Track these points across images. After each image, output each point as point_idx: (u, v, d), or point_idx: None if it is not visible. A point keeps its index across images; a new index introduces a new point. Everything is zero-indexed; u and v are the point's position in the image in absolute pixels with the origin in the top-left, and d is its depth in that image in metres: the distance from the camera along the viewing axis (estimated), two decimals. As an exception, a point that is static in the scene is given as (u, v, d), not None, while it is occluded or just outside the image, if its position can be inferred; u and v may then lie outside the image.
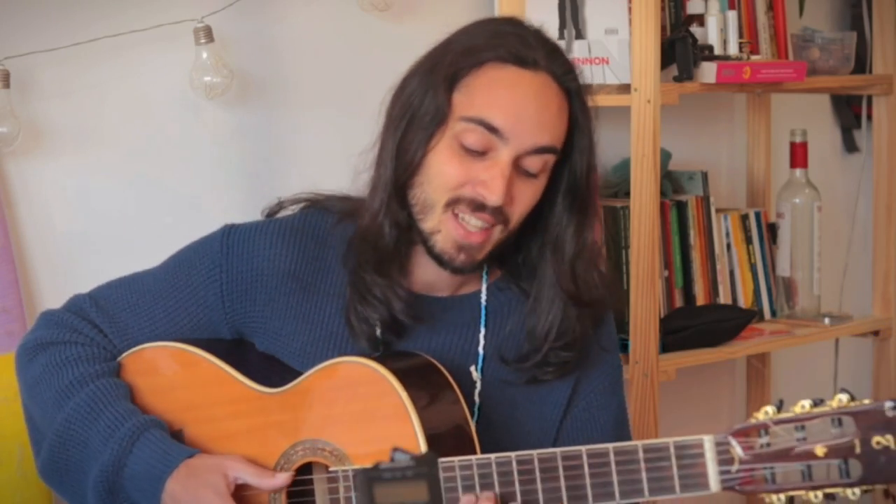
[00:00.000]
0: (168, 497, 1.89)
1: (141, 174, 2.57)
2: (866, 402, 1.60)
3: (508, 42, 1.93)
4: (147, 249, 2.21)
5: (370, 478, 1.28)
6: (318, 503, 1.92)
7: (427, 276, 1.99)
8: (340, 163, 2.75)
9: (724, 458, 1.67)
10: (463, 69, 1.92)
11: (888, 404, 1.59)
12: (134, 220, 2.56)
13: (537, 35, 1.97)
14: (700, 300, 3.03)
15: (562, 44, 2.81)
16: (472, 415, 1.96)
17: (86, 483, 1.97)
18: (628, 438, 2.08)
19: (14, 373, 2.36)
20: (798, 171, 3.17)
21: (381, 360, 1.90)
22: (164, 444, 1.93)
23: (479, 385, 1.99)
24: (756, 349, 3.03)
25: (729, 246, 3.11)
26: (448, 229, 1.92)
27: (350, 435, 1.88)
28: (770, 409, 1.64)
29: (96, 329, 2.05)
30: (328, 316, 2.00)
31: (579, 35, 2.81)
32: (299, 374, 1.95)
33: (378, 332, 1.97)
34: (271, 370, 1.99)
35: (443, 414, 1.88)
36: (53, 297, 2.47)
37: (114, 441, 1.94)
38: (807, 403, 1.62)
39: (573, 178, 1.96)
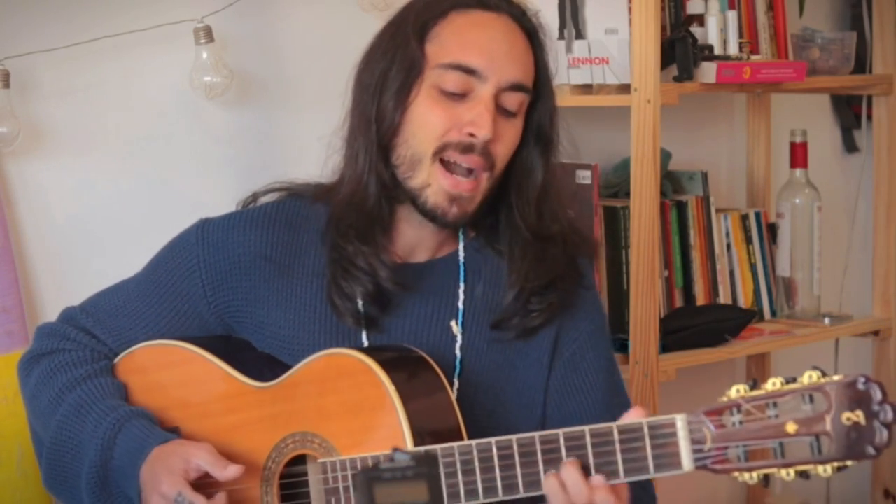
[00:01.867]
0: (141, 482, 1.91)
1: (141, 174, 2.57)
2: (836, 377, 1.59)
3: None
4: (147, 249, 2.21)
5: (370, 478, 1.28)
6: (312, 495, 1.92)
7: (408, 238, 2.01)
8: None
9: (697, 437, 1.66)
10: (429, 20, 1.96)
11: (860, 380, 1.58)
12: (134, 220, 2.56)
13: None
14: (700, 300, 3.03)
15: (562, 44, 2.82)
16: (454, 369, 1.98)
17: (80, 485, 1.98)
18: (620, 383, 2.09)
19: (14, 373, 2.37)
20: (798, 171, 3.17)
21: (368, 351, 1.91)
22: (143, 431, 1.95)
23: (459, 339, 2.00)
24: (756, 349, 3.03)
25: (729, 246, 3.11)
26: (438, 181, 1.93)
27: (338, 427, 1.89)
28: (742, 387, 1.64)
29: (88, 334, 2.07)
30: (310, 297, 2.01)
31: (579, 35, 2.81)
32: (290, 367, 1.96)
33: (360, 306, 1.97)
34: (265, 365, 2.00)
35: (430, 405, 1.88)
36: (53, 297, 2.47)
37: (98, 436, 1.95)
38: (778, 381, 1.61)
39: (540, 120, 2.00)
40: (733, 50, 2.89)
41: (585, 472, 1.72)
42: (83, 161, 2.51)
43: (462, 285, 2.02)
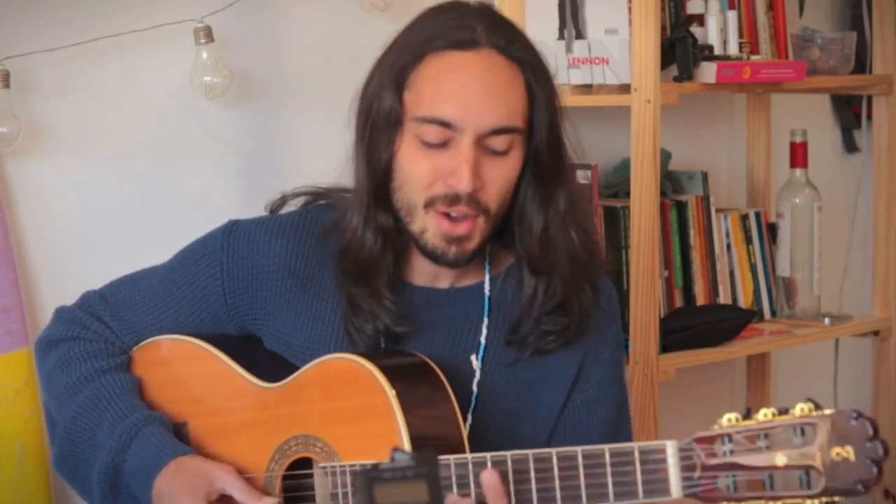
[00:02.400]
0: (156, 493, 1.91)
1: (141, 174, 2.57)
2: (828, 411, 1.59)
3: (444, 29, 1.91)
4: (147, 249, 2.21)
5: (370, 478, 1.28)
6: (318, 501, 1.92)
7: (428, 267, 1.99)
8: (340, 162, 2.76)
9: (687, 465, 1.65)
10: (406, 66, 1.91)
11: (851, 415, 1.58)
12: (134, 220, 2.56)
13: (479, 11, 1.94)
14: (700, 300, 3.03)
15: (562, 44, 2.82)
16: (469, 405, 1.97)
17: (92, 477, 1.99)
18: (628, 420, 2.08)
19: (14, 373, 2.37)
20: (798, 171, 3.17)
21: (373, 357, 1.90)
22: (161, 440, 1.95)
23: (478, 374, 1.99)
24: (756, 349, 3.03)
25: (729, 246, 3.11)
26: (434, 225, 1.91)
27: (339, 431, 1.89)
28: (734, 416, 1.63)
29: (105, 326, 2.07)
30: (328, 313, 2.00)
31: (579, 35, 2.81)
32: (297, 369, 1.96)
33: (379, 339, 1.97)
34: (276, 366, 2.00)
35: (432, 414, 1.88)
36: (53, 297, 2.47)
37: (114, 437, 1.96)
38: (769, 412, 1.61)
39: (534, 151, 1.93)
40: (733, 50, 2.89)
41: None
42: (83, 161, 2.51)
43: (486, 320, 2.00)
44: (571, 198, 1.98)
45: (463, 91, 1.88)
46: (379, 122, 1.92)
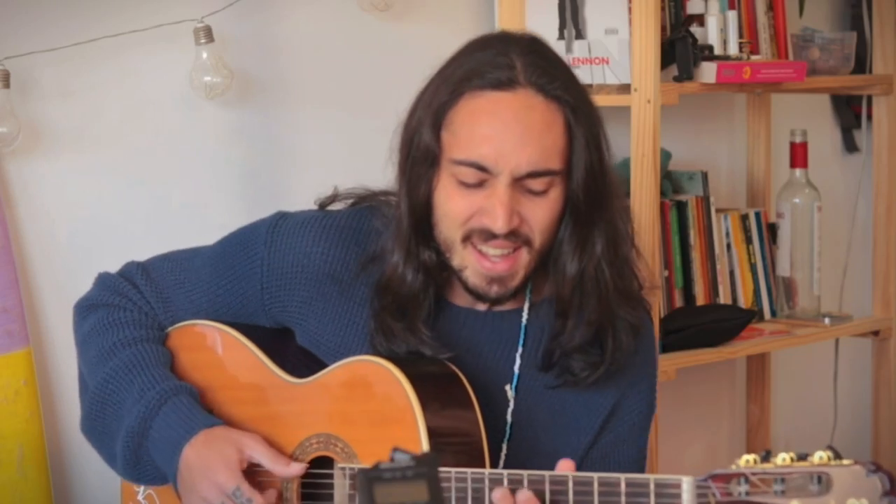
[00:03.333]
0: (184, 464, 1.92)
1: (141, 174, 2.57)
2: (846, 462, 1.59)
3: (484, 67, 1.89)
4: (147, 249, 2.21)
5: (370, 478, 1.28)
6: (336, 499, 1.93)
7: (467, 295, 1.98)
8: (341, 162, 2.76)
9: (702, 502, 1.64)
10: (444, 104, 1.89)
11: (869, 467, 1.58)
12: (134, 220, 2.56)
13: (522, 47, 1.91)
14: (700, 300, 3.03)
15: (561, 44, 2.82)
16: (504, 435, 1.96)
17: (117, 442, 2.01)
18: (644, 464, 2.08)
19: (13, 373, 2.37)
20: (798, 171, 3.17)
21: (400, 362, 1.90)
22: (189, 411, 1.97)
23: (512, 404, 1.98)
24: (756, 349, 3.03)
25: (729, 246, 3.11)
26: (473, 264, 1.90)
27: (360, 433, 1.90)
28: (753, 457, 1.62)
29: (144, 299, 2.10)
30: (364, 323, 1.99)
31: (579, 35, 2.81)
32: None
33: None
34: (306, 361, 2.01)
35: (454, 425, 1.89)
36: (53, 296, 2.47)
37: (143, 403, 1.97)
38: (789, 457, 1.60)
39: (575, 192, 1.90)
40: (733, 50, 2.89)
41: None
42: (83, 161, 2.51)
43: (520, 349, 1.99)
44: (614, 239, 1.96)
45: (497, 135, 1.86)
46: (418, 157, 1.91)
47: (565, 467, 1.75)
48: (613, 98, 2.77)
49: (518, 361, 1.99)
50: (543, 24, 2.83)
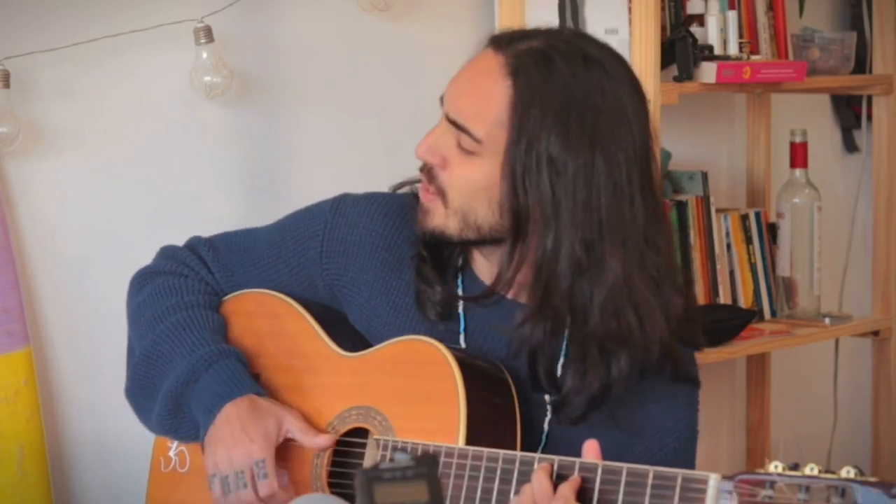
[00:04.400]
0: (223, 417, 1.95)
1: (141, 174, 2.57)
2: (872, 479, 1.59)
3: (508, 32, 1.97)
4: (147, 249, 2.21)
5: (370, 478, 1.28)
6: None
7: (483, 267, 2.01)
8: (341, 162, 2.77)
9: (725, 501, 1.65)
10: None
11: (891, 491, 1.59)
12: (134, 220, 2.56)
13: (562, 33, 2.02)
14: (700, 300, 3.03)
15: (562, 44, 2.82)
16: (540, 442, 1.96)
17: (158, 395, 2.03)
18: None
19: (13, 373, 2.37)
20: (798, 171, 3.17)
21: (453, 349, 1.93)
22: (238, 374, 2.00)
23: (549, 414, 1.97)
24: (756, 349, 3.03)
25: (729, 246, 3.11)
26: None
27: (401, 409, 1.93)
28: (780, 464, 1.64)
29: (205, 267, 2.13)
30: (413, 300, 2.03)
31: (579, 35, 2.81)
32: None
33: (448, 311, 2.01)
34: (356, 342, 2.04)
35: (493, 417, 1.90)
36: (53, 297, 2.47)
37: (192, 358, 2.00)
38: (817, 468, 1.61)
39: (514, 163, 1.86)
40: (733, 50, 2.89)
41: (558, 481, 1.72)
42: (83, 161, 2.51)
43: (562, 359, 1.95)
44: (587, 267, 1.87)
45: (458, 74, 1.94)
46: None
47: (591, 450, 1.75)
48: (613, 98, 2.77)
49: (560, 371, 1.95)
50: (543, 24, 2.82)
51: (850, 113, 3.64)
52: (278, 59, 2.71)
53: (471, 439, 1.84)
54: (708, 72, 2.78)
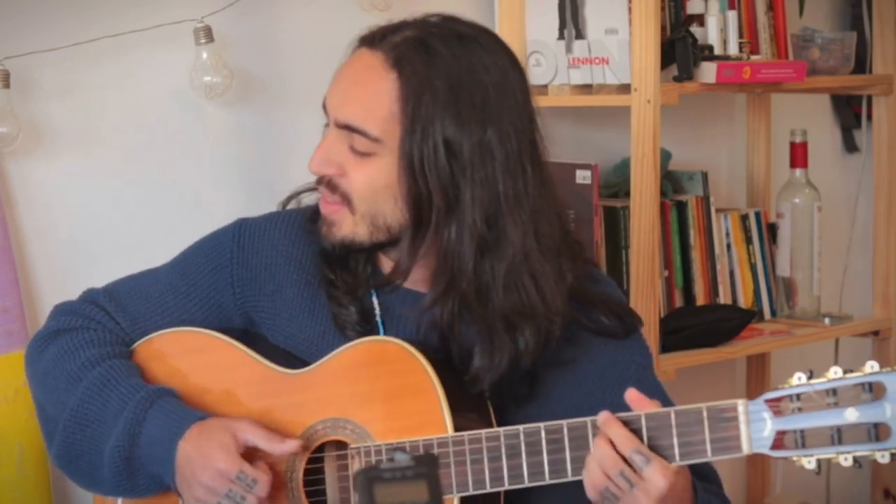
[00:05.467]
0: (181, 459, 1.90)
1: (141, 174, 2.58)
2: None
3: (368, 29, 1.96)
4: (147, 249, 2.21)
5: (370, 478, 1.28)
6: (327, 481, 1.93)
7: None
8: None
9: (757, 422, 1.70)
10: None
11: None
12: (134, 220, 2.57)
13: (426, 21, 1.94)
14: (700, 300, 3.03)
15: (561, 44, 2.82)
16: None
17: (101, 460, 1.96)
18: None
19: (14, 373, 2.37)
20: (798, 171, 3.17)
21: (408, 340, 1.91)
22: (177, 409, 1.94)
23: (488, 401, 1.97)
24: (756, 349, 3.03)
25: (729, 246, 3.11)
26: None
27: (373, 412, 1.89)
28: (802, 375, 1.67)
29: (108, 316, 2.06)
30: (329, 310, 2.00)
31: (579, 35, 2.81)
32: (307, 361, 1.97)
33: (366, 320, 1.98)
34: (284, 357, 2.00)
35: (466, 396, 1.89)
36: (53, 297, 2.46)
37: (127, 411, 1.94)
38: (840, 370, 1.66)
39: (412, 154, 1.86)
40: (733, 50, 2.89)
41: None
42: (83, 161, 2.51)
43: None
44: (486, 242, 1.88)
45: (337, 83, 1.93)
46: None
47: (635, 398, 1.77)
48: (613, 98, 2.78)
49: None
50: (543, 24, 2.83)
51: (850, 113, 3.64)
52: (278, 59, 2.71)
53: (457, 423, 1.84)
54: (708, 72, 2.78)
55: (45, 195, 2.48)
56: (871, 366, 1.65)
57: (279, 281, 2.02)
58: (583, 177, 2.84)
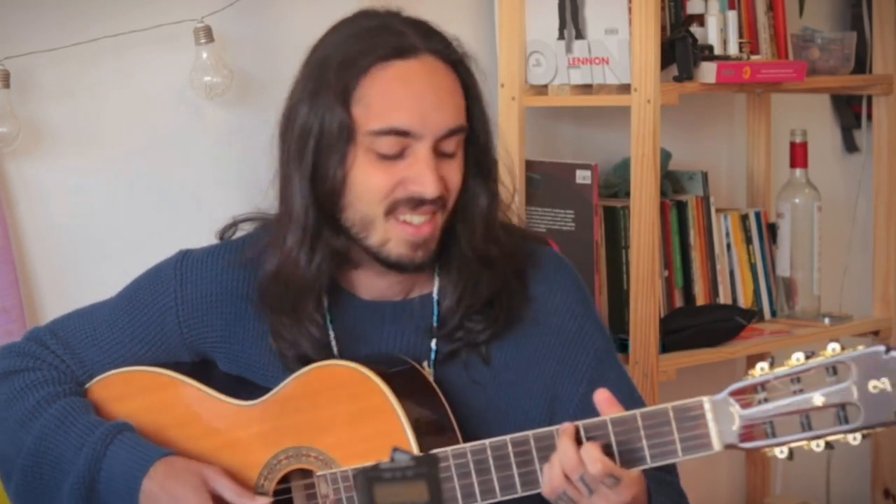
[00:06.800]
0: (145, 497, 1.88)
1: (141, 174, 2.58)
2: (860, 348, 1.63)
3: (381, 38, 1.91)
4: (147, 249, 2.21)
5: (370, 478, 1.28)
6: None
7: (376, 286, 1.97)
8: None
9: (724, 417, 1.68)
10: (350, 82, 1.89)
11: (881, 349, 1.62)
12: (134, 220, 2.57)
13: (402, 19, 1.94)
14: (700, 300, 3.03)
15: (562, 44, 2.82)
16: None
17: (61, 498, 1.94)
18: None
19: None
20: (798, 171, 3.17)
21: (360, 360, 1.89)
22: (138, 445, 1.92)
23: (431, 379, 1.95)
24: (756, 349, 3.03)
25: (729, 246, 3.12)
26: (397, 235, 1.89)
27: (335, 438, 1.87)
28: (764, 364, 1.66)
29: (57, 357, 2.04)
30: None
31: (579, 35, 2.81)
32: (267, 389, 1.94)
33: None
34: (239, 386, 1.98)
35: (424, 408, 1.88)
36: (53, 297, 2.47)
37: (86, 448, 1.92)
38: (802, 356, 1.64)
39: (477, 148, 1.95)
40: (733, 50, 2.89)
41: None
42: (83, 161, 2.51)
43: (435, 328, 1.97)
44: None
45: (415, 99, 1.88)
46: (326, 141, 1.90)
47: (604, 399, 1.76)
48: (613, 98, 2.77)
49: (435, 340, 1.97)
50: (543, 24, 2.83)
51: (850, 113, 3.64)
52: (278, 59, 2.71)
53: (421, 442, 1.82)
54: (708, 72, 2.78)
55: (45, 195, 2.48)
56: (833, 348, 1.64)
57: (227, 315, 1.99)
58: (583, 177, 2.84)
